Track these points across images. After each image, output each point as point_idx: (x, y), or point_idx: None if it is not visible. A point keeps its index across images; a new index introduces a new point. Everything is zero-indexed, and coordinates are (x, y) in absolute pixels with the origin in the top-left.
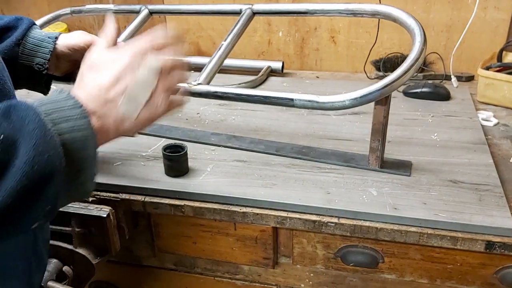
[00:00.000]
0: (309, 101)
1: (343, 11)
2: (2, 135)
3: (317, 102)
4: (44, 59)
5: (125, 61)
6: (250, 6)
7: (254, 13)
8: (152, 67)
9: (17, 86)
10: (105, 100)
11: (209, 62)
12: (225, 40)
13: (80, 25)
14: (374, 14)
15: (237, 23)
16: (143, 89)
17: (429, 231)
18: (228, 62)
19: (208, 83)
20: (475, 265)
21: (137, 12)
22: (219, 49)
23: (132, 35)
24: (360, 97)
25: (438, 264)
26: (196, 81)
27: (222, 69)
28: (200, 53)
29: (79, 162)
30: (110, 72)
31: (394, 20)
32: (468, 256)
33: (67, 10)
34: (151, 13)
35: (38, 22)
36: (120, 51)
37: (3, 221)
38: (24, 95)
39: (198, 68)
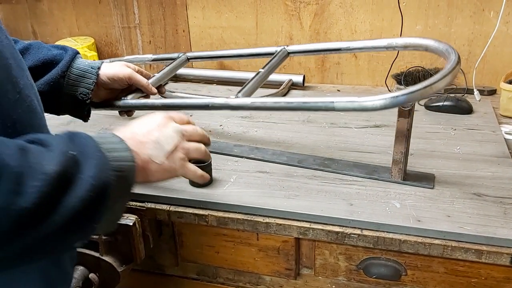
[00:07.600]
0: (349, 101)
1: (378, 47)
2: (72, 152)
3: (358, 102)
4: (88, 89)
5: (157, 120)
6: (285, 47)
7: (289, 53)
8: (176, 128)
9: (60, 113)
10: (139, 141)
11: (249, 81)
12: (262, 68)
13: (107, 39)
14: (406, 46)
15: (272, 59)
16: (168, 142)
17: (453, 243)
18: (250, 76)
19: (248, 96)
20: (500, 279)
21: (175, 59)
22: (258, 73)
23: (169, 74)
24: (403, 94)
25: (462, 278)
26: (235, 96)
27: (243, 83)
28: (222, 66)
29: (121, 190)
30: (143, 125)
31: (426, 48)
32: (493, 270)
33: (107, 61)
34: (189, 58)
35: None
36: (152, 114)
37: (74, 227)
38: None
39: (221, 82)
